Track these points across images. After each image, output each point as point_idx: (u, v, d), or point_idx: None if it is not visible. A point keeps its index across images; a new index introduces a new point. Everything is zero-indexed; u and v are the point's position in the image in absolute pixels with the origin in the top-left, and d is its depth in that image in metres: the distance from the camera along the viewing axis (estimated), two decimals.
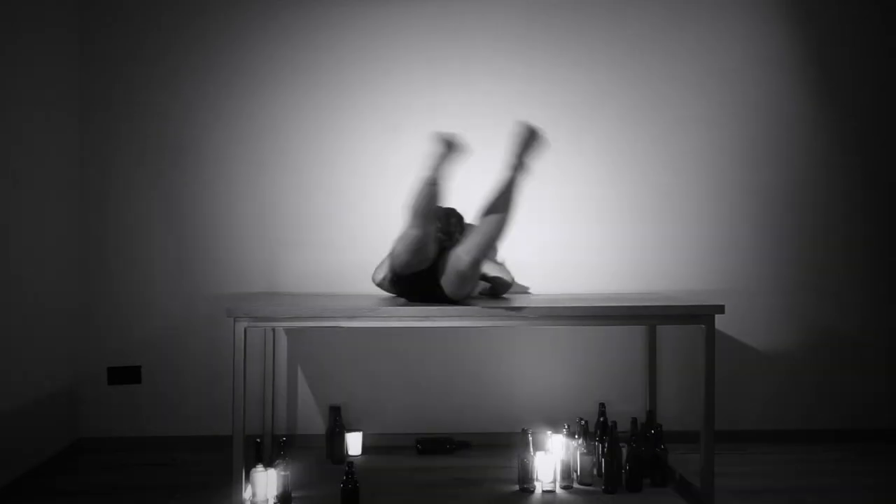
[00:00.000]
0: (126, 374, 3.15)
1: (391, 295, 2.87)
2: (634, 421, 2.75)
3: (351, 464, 2.42)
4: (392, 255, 2.62)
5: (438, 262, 2.58)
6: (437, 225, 2.67)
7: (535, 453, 2.62)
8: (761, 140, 3.28)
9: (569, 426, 2.69)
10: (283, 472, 2.44)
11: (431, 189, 2.51)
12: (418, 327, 3.11)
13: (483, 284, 2.85)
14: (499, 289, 2.87)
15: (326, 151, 3.22)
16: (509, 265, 3.23)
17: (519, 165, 2.54)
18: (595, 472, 2.70)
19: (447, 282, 2.53)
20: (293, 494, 2.51)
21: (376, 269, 2.85)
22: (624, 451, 2.65)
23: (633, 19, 3.27)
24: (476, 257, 2.48)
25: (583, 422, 2.75)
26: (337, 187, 3.22)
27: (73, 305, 3.10)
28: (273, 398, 3.07)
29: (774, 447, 3.16)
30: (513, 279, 2.88)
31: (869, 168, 3.31)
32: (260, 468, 2.42)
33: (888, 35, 3.30)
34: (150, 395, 3.17)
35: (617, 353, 3.24)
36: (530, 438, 2.61)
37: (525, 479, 2.60)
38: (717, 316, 2.49)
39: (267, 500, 2.43)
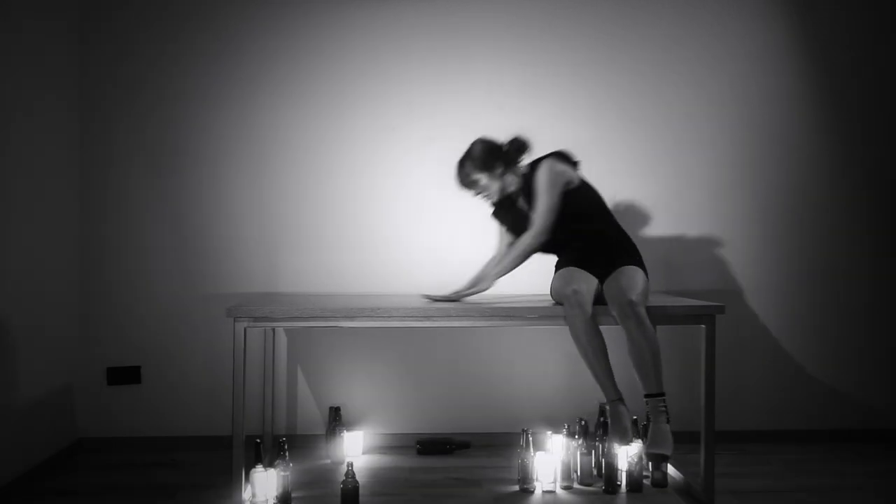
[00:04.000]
0: (126, 374, 3.15)
1: (390, 295, 2.87)
2: (635, 421, 2.76)
3: (351, 464, 2.42)
4: None
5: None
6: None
7: (535, 453, 2.62)
8: (762, 139, 3.28)
9: (569, 426, 2.69)
10: (283, 472, 2.44)
11: None
12: (418, 327, 3.11)
13: None
14: None
15: (325, 151, 3.22)
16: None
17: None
18: (595, 472, 2.70)
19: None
20: (293, 494, 2.51)
21: None
22: (624, 450, 2.65)
23: (634, 19, 3.27)
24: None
25: (583, 422, 2.75)
26: (336, 187, 3.22)
27: (72, 306, 3.10)
28: (273, 398, 3.07)
29: (774, 447, 3.16)
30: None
31: (870, 167, 3.30)
32: (260, 468, 2.42)
33: (891, 32, 3.30)
34: (150, 395, 3.17)
35: (617, 354, 3.23)
36: (530, 438, 2.61)
37: (525, 479, 2.60)
38: (717, 316, 2.49)
39: (267, 500, 2.43)
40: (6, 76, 2.61)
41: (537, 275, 3.23)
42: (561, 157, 2.64)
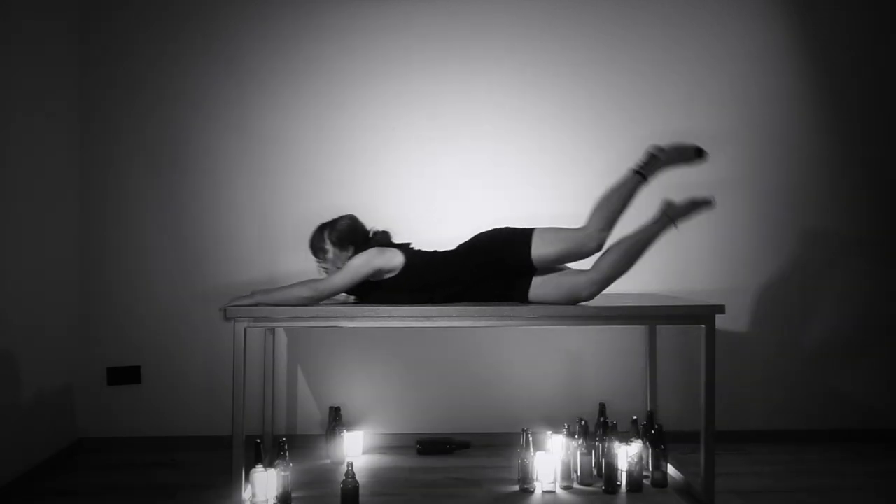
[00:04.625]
0: (126, 374, 3.15)
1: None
2: (635, 421, 2.76)
3: (351, 464, 2.42)
4: None
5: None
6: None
7: (535, 453, 2.62)
8: (762, 139, 3.28)
9: (569, 426, 2.68)
10: (283, 472, 2.44)
11: None
12: (418, 327, 3.11)
13: None
14: None
15: (326, 152, 3.22)
16: None
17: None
18: (595, 472, 2.70)
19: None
20: (293, 494, 2.51)
21: None
22: (624, 450, 2.65)
23: (633, 18, 3.27)
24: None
25: (583, 422, 2.75)
26: (336, 187, 3.22)
27: (72, 306, 3.10)
28: (273, 398, 3.06)
29: (774, 447, 3.16)
30: None
31: (870, 166, 3.31)
32: (260, 468, 2.42)
33: (891, 32, 3.30)
34: (150, 395, 3.17)
35: (617, 354, 3.24)
36: (530, 438, 2.61)
37: (525, 479, 2.60)
38: (717, 316, 2.49)
39: (267, 500, 2.43)
40: (6, 76, 2.60)
41: None
42: (385, 246, 2.64)
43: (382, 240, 2.72)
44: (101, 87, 3.16)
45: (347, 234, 2.67)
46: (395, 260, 2.60)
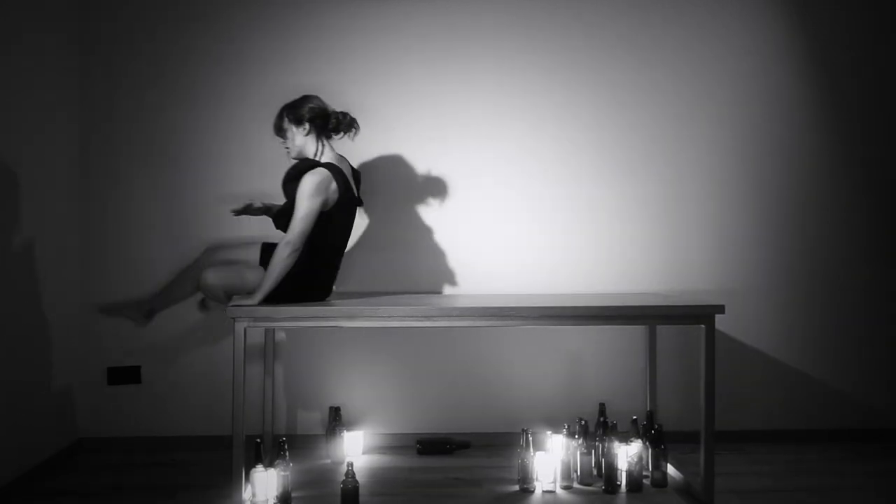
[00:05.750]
0: (126, 374, 3.15)
1: (391, 294, 2.86)
2: (635, 421, 2.76)
3: (351, 464, 2.42)
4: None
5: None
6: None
7: (535, 453, 2.62)
8: (762, 138, 3.28)
9: (569, 426, 2.69)
10: (283, 472, 2.44)
11: None
12: (418, 327, 3.11)
13: None
14: None
15: None
16: (509, 266, 3.23)
17: None
18: (595, 471, 2.70)
19: None
20: (293, 494, 2.51)
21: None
22: (624, 450, 2.66)
23: (633, 16, 3.26)
24: None
25: (583, 422, 2.75)
26: None
27: (72, 305, 3.10)
28: (273, 398, 3.07)
29: (774, 447, 3.16)
30: None
31: (870, 166, 3.31)
32: (260, 468, 2.42)
33: (891, 32, 3.31)
34: (150, 395, 3.17)
35: (617, 354, 3.24)
36: (530, 438, 2.61)
37: (525, 479, 2.60)
38: (717, 316, 2.49)
39: (267, 500, 2.43)
40: (6, 78, 2.60)
41: (536, 273, 3.24)
42: (337, 174, 2.62)
43: (344, 123, 2.73)
44: (101, 88, 3.16)
45: (307, 112, 2.69)
46: (333, 193, 2.61)
